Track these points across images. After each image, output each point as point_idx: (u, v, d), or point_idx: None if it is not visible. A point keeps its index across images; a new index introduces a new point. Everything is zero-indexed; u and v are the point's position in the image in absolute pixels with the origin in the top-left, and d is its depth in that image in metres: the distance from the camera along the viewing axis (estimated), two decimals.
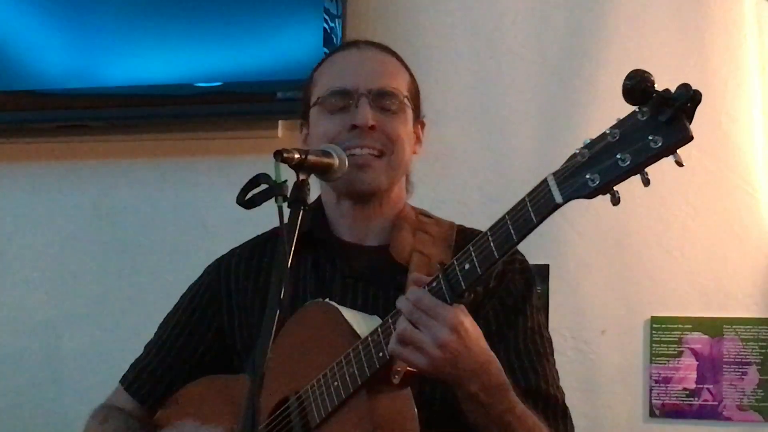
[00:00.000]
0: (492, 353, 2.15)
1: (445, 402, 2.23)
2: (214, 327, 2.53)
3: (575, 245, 3.47)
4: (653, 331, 3.42)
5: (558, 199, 1.93)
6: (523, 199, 1.98)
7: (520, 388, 2.27)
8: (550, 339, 2.42)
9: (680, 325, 3.41)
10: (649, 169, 1.86)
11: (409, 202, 2.53)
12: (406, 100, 2.43)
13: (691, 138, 1.81)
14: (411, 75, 2.50)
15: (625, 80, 1.82)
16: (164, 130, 3.82)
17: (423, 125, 2.53)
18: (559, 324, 3.41)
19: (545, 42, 3.57)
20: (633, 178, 1.87)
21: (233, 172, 3.60)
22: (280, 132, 3.69)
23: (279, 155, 2.07)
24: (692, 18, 3.47)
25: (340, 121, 2.38)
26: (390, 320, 2.14)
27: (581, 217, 3.44)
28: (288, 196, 2.04)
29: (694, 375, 3.39)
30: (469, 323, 2.10)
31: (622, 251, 3.46)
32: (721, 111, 3.40)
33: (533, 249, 2.47)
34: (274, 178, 2.04)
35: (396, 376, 2.16)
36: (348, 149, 2.28)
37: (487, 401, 2.14)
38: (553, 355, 2.40)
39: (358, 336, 2.20)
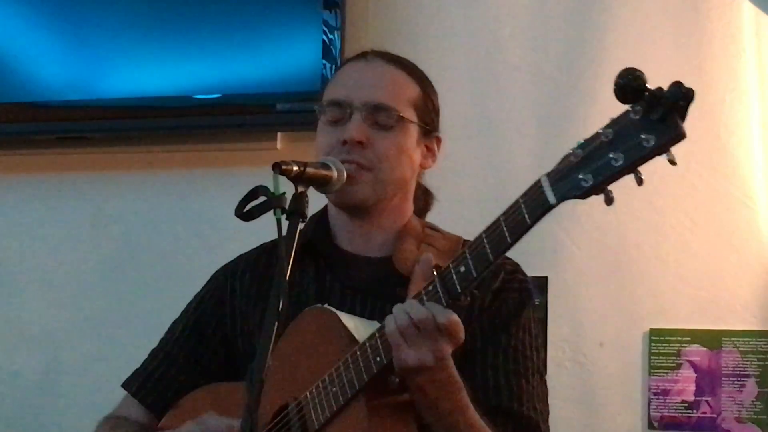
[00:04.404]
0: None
1: None
2: (219, 333, 2.53)
3: (574, 257, 3.47)
4: (652, 344, 3.42)
5: (551, 199, 1.93)
6: (517, 201, 1.98)
7: (492, 405, 2.26)
8: (537, 361, 2.37)
9: (679, 338, 3.41)
10: (648, 181, 1.85)
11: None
12: (405, 116, 2.41)
13: (684, 136, 1.80)
14: (423, 89, 2.46)
15: (616, 78, 1.80)
16: (163, 142, 3.82)
17: (439, 140, 2.51)
18: (558, 336, 3.41)
19: (543, 55, 3.57)
20: (627, 178, 1.86)
21: (232, 184, 3.59)
22: (279, 144, 3.69)
23: (277, 167, 2.07)
24: (691, 31, 3.48)
25: (334, 134, 2.38)
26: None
27: (580, 229, 3.44)
28: (286, 208, 2.04)
29: (692, 387, 3.39)
30: None
31: (620, 263, 3.46)
32: (719, 123, 3.41)
33: (532, 261, 2.47)
34: (272, 190, 2.04)
35: (394, 381, 2.17)
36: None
37: (433, 395, 2.13)
38: (538, 377, 2.35)
39: (356, 341, 2.20)
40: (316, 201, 2.24)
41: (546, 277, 3.44)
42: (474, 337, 2.31)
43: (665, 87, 1.82)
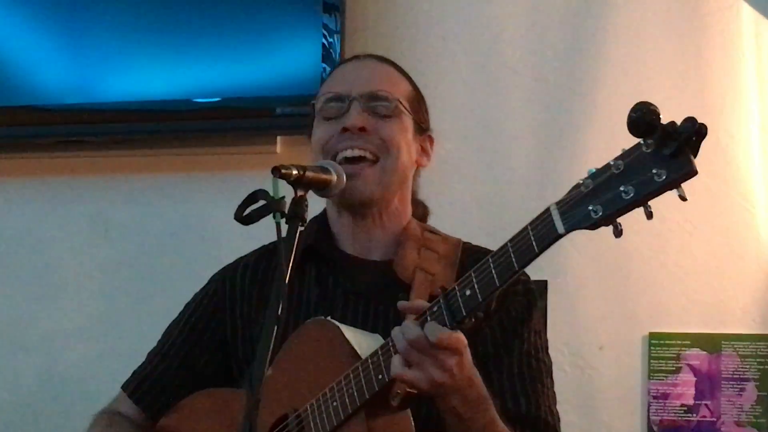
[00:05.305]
0: (474, 367, 2.15)
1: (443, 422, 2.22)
2: (217, 336, 2.53)
3: (574, 261, 3.47)
4: (651, 347, 3.42)
5: (560, 229, 1.94)
6: (526, 228, 1.99)
7: (510, 412, 2.27)
8: (549, 363, 2.40)
9: (678, 341, 3.41)
10: None
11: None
12: (401, 106, 2.43)
13: (695, 173, 1.81)
14: (414, 86, 2.51)
15: (630, 112, 1.81)
16: (163, 146, 3.82)
17: (432, 140, 2.53)
18: (557, 340, 3.40)
19: (543, 59, 3.57)
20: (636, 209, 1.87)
21: (232, 188, 3.60)
22: (278, 148, 3.69)
23: (277, 171, 2.07)
24: (690, 35, 3.48)
25: (333, 126, 2.40)
26: (390, 342, 2.14)
27: (580, 233, 3.41)
28: (286, 212, 2.05)
29: (692, 391, 3.39)
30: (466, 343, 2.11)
31: (620, 267, 3.46)
32: (719, 127, 3.40)
33: (531, 265, 2.46)
34: (272, 194, 2.04)
35: (395, 399, 2.17)
36: (339, 151, 2.31)
37: (467, 415, 2.14)
38: (549, 378, 2.38)
39: (358, 356, 2.21)
40: (314, 205, 2.24)
41: (545, 281, 3.44)
42: (485, 342, 2.32)
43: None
